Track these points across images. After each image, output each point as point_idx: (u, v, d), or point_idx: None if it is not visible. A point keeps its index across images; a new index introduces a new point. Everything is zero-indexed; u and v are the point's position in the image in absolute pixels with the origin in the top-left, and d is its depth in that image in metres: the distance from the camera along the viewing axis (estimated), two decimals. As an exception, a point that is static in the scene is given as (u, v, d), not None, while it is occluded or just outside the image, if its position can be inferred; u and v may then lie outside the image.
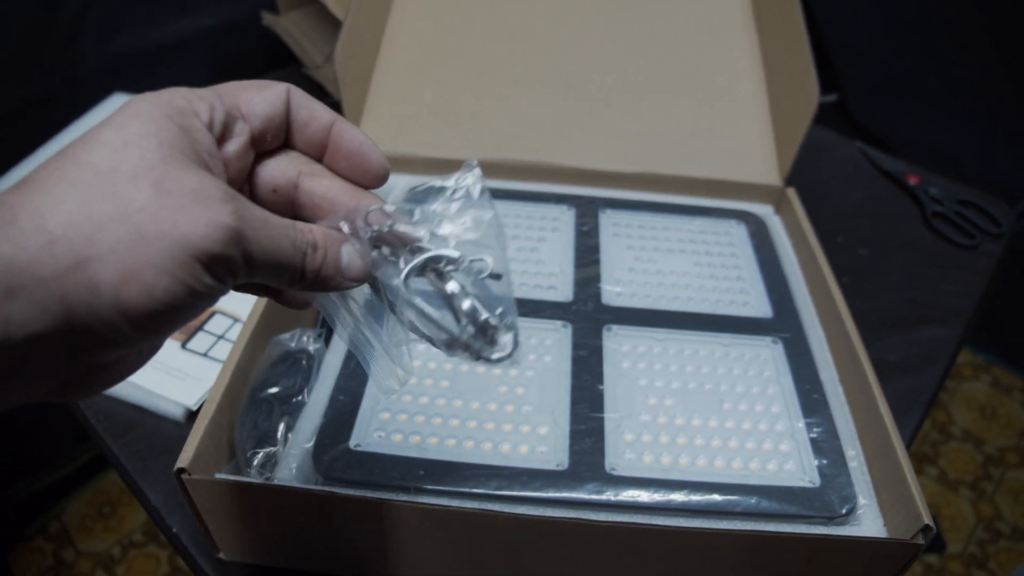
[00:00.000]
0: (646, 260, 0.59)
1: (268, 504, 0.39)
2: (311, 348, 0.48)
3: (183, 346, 0.57)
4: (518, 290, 0.55)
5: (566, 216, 0.62)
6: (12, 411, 0.27)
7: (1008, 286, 1.31)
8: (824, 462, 0.44)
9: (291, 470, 0.43)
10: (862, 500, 0.42)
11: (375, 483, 0.41)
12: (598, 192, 0.66)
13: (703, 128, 0.67)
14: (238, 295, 0.29)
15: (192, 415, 0.54)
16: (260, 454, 0.43)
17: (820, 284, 0.55)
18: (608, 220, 0.62)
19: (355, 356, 0.48)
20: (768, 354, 0.51)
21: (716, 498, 0.41)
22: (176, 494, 0.49)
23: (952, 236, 0.75)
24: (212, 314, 0.60)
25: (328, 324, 0.32)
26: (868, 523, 0.42)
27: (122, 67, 0.94)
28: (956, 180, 0.82)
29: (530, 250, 0.58)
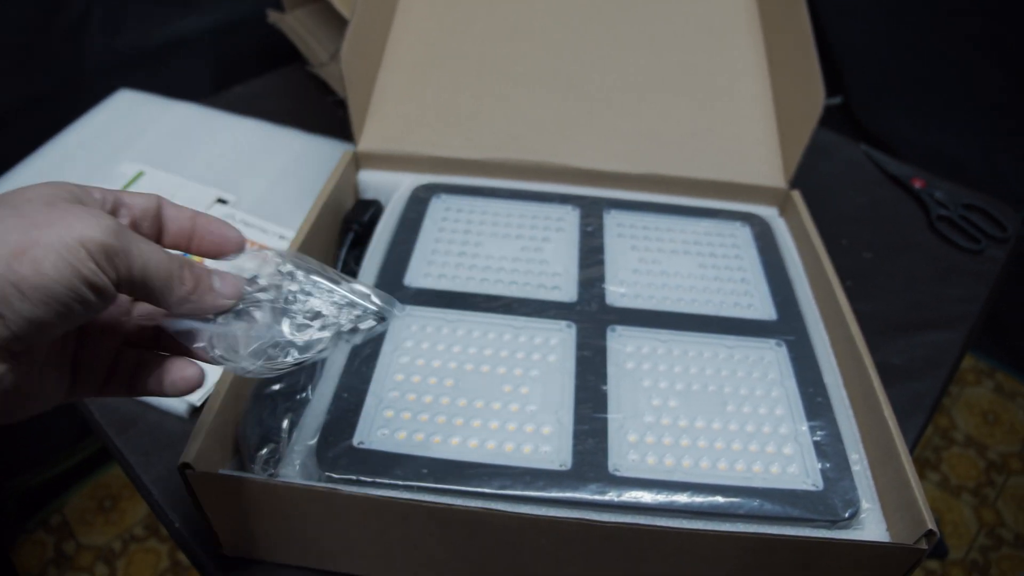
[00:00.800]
0: (650, 261, 0.59)
1: (271, 500, 0.39)
2: None
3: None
4: (522, 290, 0.55)
5: (570, 216, 0.62)
6: None
7: (1013, 291, 1.30)
8: (827, 465, 0.44)
9: (295, 467, 0.43)
10: (865, 504, 0.42)
11: (378, 481, 0.41)
12: (603, 193, 0.66)
13: (708, 129, 0.67)
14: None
15: (195, 411, 0.54)
16: (264, 451, 0.43)
17: (824, 287, 0.55)
18: (612, 221, 0.62)
19: (359, 354, 0.48)
20: (772, 356, 0.51)
21: (719, 500, 0.41)
22: (179, 489, 0.49)
23: (957, 240, 0.75)
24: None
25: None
26: (871, 527, 0.42)
27: (126, 64, 0.94)
28: (961, 184, 0.82)
29: (534, 250, 0.58)
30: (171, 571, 1.12)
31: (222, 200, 0.71)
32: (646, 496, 0.41)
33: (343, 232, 0.61)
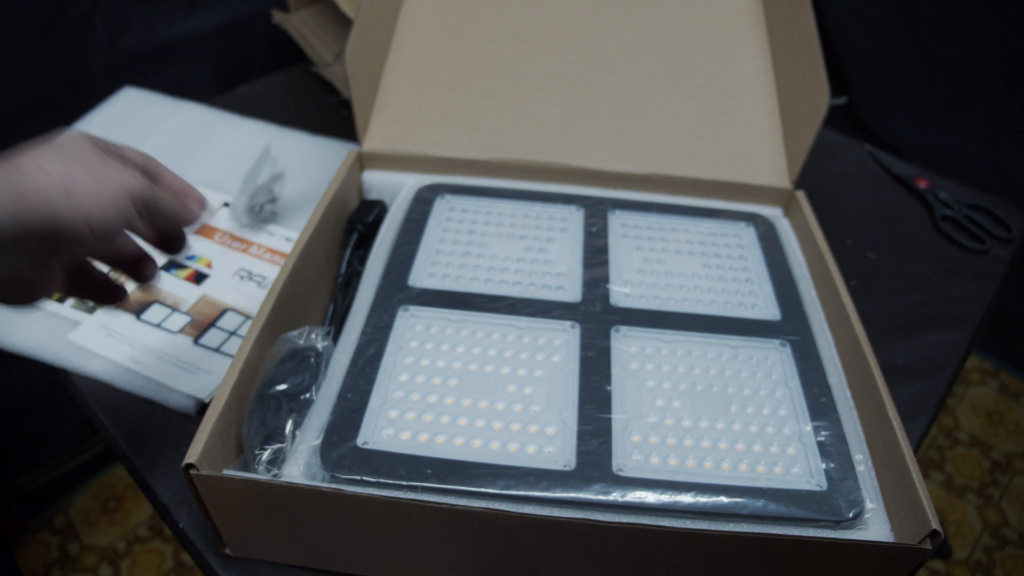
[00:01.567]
0: (655, 261, 0.59)
1: (275, 501, 0.40)
2: (319, 345, 0.48)
3: (195, 341, 0.58)
4: (526, 290, 0.55)
5: (575, 217, 0.62)
6: (18, 405, 0.28)
7: (1017, 291, 1.30)
8: (831, 466, 0.44)
9: (299, 467, 0.43)
10: (869, 504, 0.42)
11: (382, 481, 0.41)
12: (607, 193, 0.66)
13: (712, 130, 0.67)
14: (252, 295, 0.35)
15: (201, 410, 0.54)
16: (267, 451, 0.43)
17: (829, 287, 0.55)
18: (617, 221, 0.62)
19: (363, 354, 0.48)
20: (776, 357, 0.51)
21: (723, 500, 0.41)
22: (183, 489, 0.49)
23: (962, 240, 0.75)
24: (224, 311, 0.60)
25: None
26: (875, 527, 0.42)
27: (131, 63, 0.94)
28: (966, 184, 0.82)
29: (538, 250, 0.58)
30: (175, 572, 1.12)
31: (227, 203, 0.71)
32: (650, 496, 0.41)
33: (347, 232, 0.61)
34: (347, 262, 0.59)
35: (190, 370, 0.55)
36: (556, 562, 0.41)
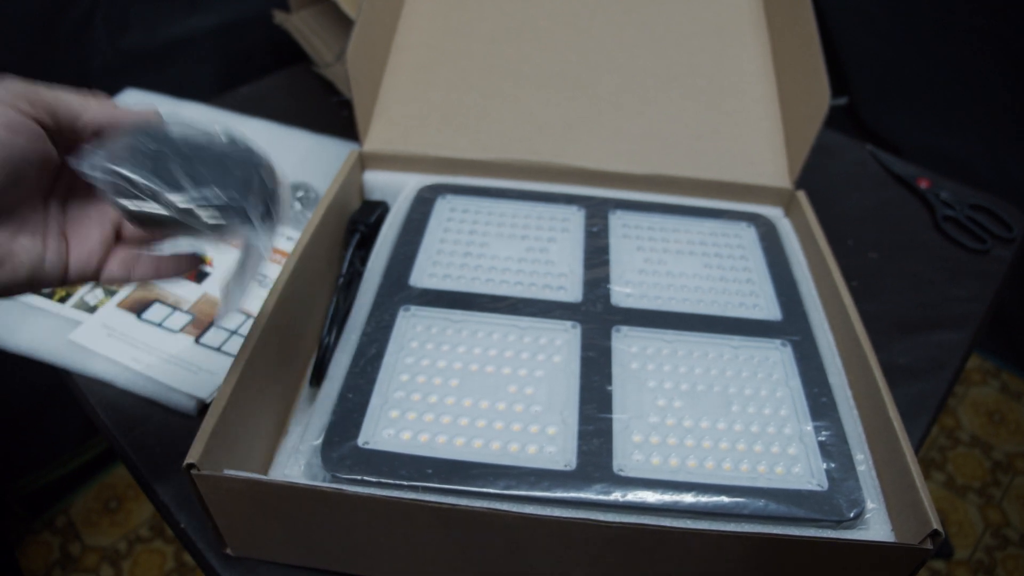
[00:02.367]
0: (656, 262, 0.59)
1: (277, 501, 0.40)
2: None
3: (196, 340, 0.58)
4: (527, 290, 0.55)
5: (576, 217, 0.62)
6: (20, 405, 0.28)
7: (1019, 291, 1.30)
8: (832, 466, 0.44)
9: (300, 467, 0.43)
10: (870, 504, 0.42)
11: (383, 481, 0.41)
12: (608, 193, 0.66)
13: (713, 130, 0.67)
14: (253, 294, 0.33)
15: (203, 409, 0.54)
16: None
17: (829, 287, 0.55)
18: (618, 221, 0.62)
19: (364, 354, 0.49)
20: (777, 357, 0.51)
21: (724, 500, 0.41)
22: (185, 489, 0.49)
23: (963, 240, 0.75)
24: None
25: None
26: (876, 527, 0.42)
27: (132, 64, 0.94)
28: (967, 184, 0.82)
29: (539, 250, 0.59)
30: (176, 572, 1.12)
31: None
32: (651, 496, 0.41)
33: (349, 233, 0.61)
34: (348, 262, 0.59)
35: (191, 369, 0.55)
36: (557, 562, 0.41)
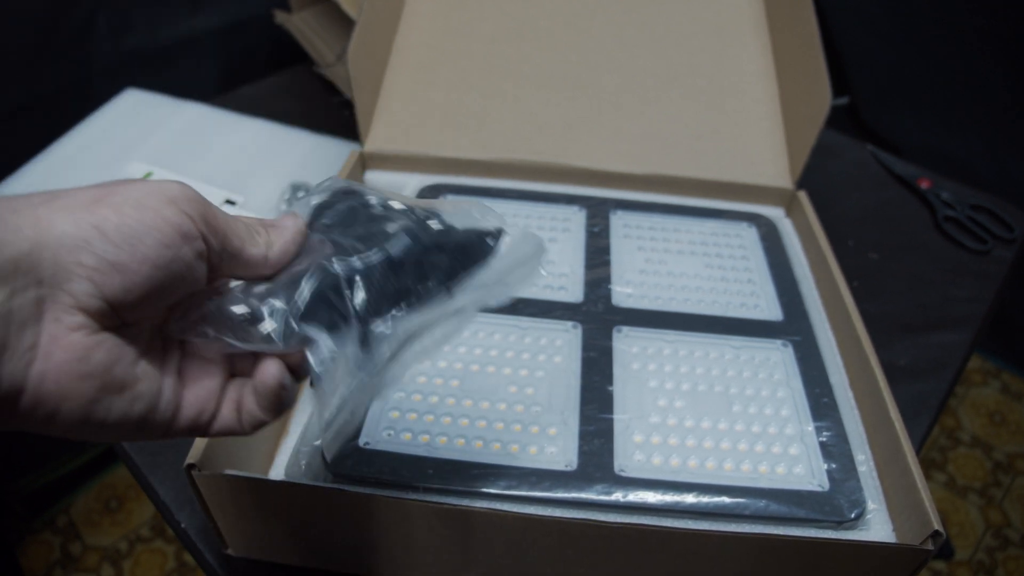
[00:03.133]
0: (656, 262, 0.59)
1: (277, 501, 0.40)
2: None
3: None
4: (528, 290, 0.55)
5: (577, 217, 0.62)
6: None
7: (1019, 292, 1.30)
8: (833, 466, 0.44)
9: (300, 467, 0.43)
10: (871, 505, 0.42)
11: (384, 481, 0.41)
12: (609, 193, 0.66)
13: (714, 130, 0.67)
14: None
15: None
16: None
17: (830, 287, 0.55)
18: (619, 221, 0.62)
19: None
20: (778, 357, 0.51)
21: (725, 500, 0.41)
22: (185, 489, 0.49)
23: (964, 241, 0.75)
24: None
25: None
26: (877, 528, 0.42)
27: (133, 64, 0.95)
28: (968, 185, 0.82)
29: (540, 250, 0.58)
30: (177, 572, 1.12)
31: (230, 201, 0.71)
32: (652, 497, 0.41)
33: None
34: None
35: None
36: (558, 562, 0.41)
